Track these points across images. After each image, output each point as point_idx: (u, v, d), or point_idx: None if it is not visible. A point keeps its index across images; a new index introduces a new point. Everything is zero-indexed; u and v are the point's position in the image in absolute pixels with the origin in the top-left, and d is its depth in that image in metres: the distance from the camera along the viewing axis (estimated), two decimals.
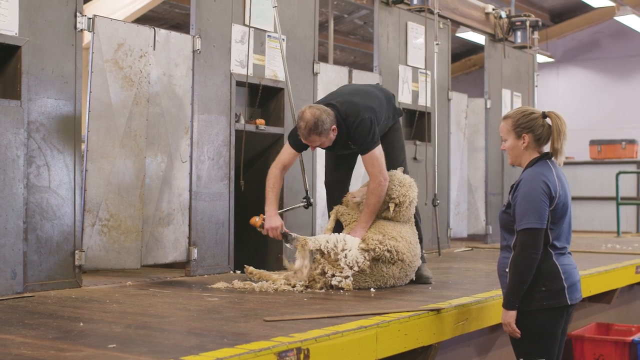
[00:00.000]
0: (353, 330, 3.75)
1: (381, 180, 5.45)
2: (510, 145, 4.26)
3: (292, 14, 7.13)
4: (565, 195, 4.18)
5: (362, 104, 5.54)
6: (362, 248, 5.29)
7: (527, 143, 4.20)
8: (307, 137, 5.42)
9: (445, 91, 9.47)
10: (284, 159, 5.73)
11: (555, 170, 4.18)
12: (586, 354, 6.92)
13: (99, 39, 5.56)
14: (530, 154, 4.23)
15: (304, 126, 5.36)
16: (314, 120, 5.33)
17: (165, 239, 6.02)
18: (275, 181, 5.66)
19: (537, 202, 4.05)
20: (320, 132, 5.36)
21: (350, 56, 17.41)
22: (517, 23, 10.72)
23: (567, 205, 4.20)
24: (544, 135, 4.21)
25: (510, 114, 4.30)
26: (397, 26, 8.62)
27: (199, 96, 6.23)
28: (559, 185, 4.14)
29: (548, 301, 4.09)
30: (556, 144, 4.18)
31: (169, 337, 3.65)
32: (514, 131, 4.23)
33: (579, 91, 18.04)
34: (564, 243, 4.25)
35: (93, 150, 5.53)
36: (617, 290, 7.08)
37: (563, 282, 4.11)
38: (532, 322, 4.11)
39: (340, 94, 5.71)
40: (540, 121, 4.21)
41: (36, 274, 5.11)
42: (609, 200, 14.47)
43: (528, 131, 4.19)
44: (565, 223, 4.23)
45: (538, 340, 4.12)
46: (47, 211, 5.18)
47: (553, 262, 4.13)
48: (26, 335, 3.61)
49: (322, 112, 5.37)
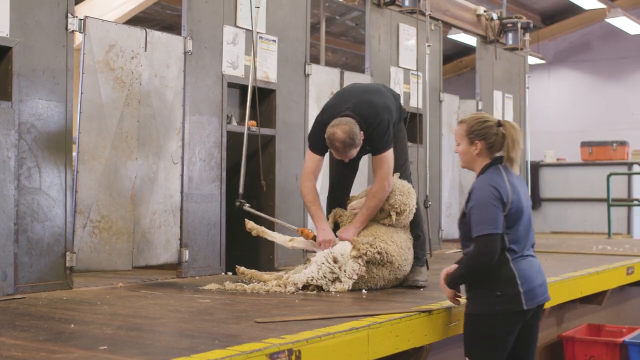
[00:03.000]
0: (344, 332, 3.75)
1: (385, 185, 5.40)
2: (462, 150, 4.32)
3: (284, 15, 7.14)
4: (518, 200, 4.18)
5: (380, 103, 5.46)
6: (354, 256, 5.29)
7: (479, 150, 4.25)
8: (346, 154, 5.34)
9: (437, 93, 9.48)
10: (312, 169, 5.59)
11: (507, 176, 4.20)
12: (577, 355, 6.94)
13: (90, 40, 5.55)
14: (482, 161, 4.28)
15: (342, 146, 5.26)
16: (348, 137, 5.24)
17: (156, 240, 6.01)
18: (313, 194, 5.56)
19: (490, 209, 4.09)
20: (357, 144, 5.30)
21: (342, 57, 17.42)
22: (509, 25, 10.75)
23: (521, 209, 4.18)
24: (496, 143, 4.25)
25: (466, 119, 4.34)
26: (389, 28, 8.63)
27: (191, 97, 6.23)
28: (510, 191, 4.14)
29: (502, 306, 4.10)
30: (512, 153, 4.20)
31: (160, 339, 3.64)
32: (467, 137, 4.28)
33: (570, 93, 18.10)
34: (524, 247, 4.22)
35: (84, 152, 5.52)
36: (608, 292, 7.10)
37: (519, 287, 4.11)
38: (484, 325, 4.14)
39: (351, 95, 5.58)
40: (494, 129, 4.25)
41: (27, 276, 5.09)
42: (600, 202, 14.50)
43: (481, 138, 4.24)
44: (521, 227, 4.20)
45: (486, 344, 4.16)
46: (38, 213, 5.16)
47: (510, 267, 4.13)
48: (17, 337, 3.60)
49: (350, 125, 5.27)
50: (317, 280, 5.25)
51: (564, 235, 14.16)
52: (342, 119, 5.36)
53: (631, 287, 8.10)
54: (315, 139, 5.57)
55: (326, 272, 5.26)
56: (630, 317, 8.45)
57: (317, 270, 5.26)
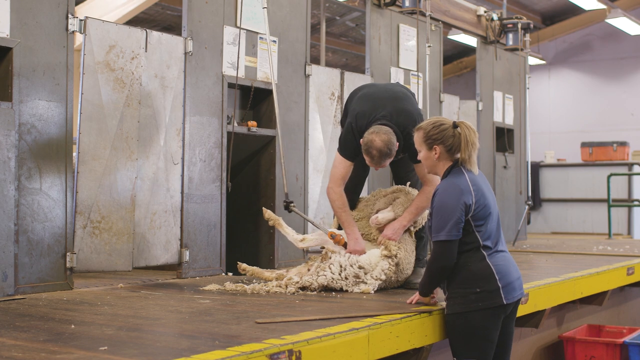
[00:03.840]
0: (345, 332, 3.75)
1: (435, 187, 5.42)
2: (423, 156, 4.41)
3: (284, 16, 7.14)
4: (483, 197, 4.26)
5: (414, 110, 5.47)
6: (385, 255, 5.27)
7: (438, 154, 4.34)
8: (380, 164, 5.33)
9: (437, 93, 9.48)
10: (342, 174, 5.54)
11: (468, 175, 4.27)
12: (577, 356, 6.94)
13: (91, 40, 5.55)
14: (444, 164, 4.37)
15: (378, 155, 5.24)
16: (386, 147, 5.22)
17: (156, 241, 6.01)
18: (343, 200, 5.52)
19: (450, 214, 4.18)
20: (391, 155, 5.29)
21: (342, 58, 17.43)
22: (509, 25, 10.75)
23: (488, 206, 4.27)
24: (455, 145, 4.33)
25: (422, 125, 4.42)
26: (389, 28, 8.63)
27: (191, 98, 6.23)
28: (473, 190, 4.22)
29: (483, 302, 4.17)
30: (463, 154, 4.29)
31: (161, 340, 3.64)
32: (425, 143, 4.37)
33: (571, 93, 18.10)
34: (496, 242, 4.31)
35: (84, 152, 5.52)
36: (609, 292, 7.10)
37: (497, 283, 4.18)
38: (467, 323, 4.20)
39: (384, 101, 5.51)
40: (451, 132, 4.32)
41: (27, 276, 5.10)
42: (600, 202, 14.52)
43: (439, 143, 4.32)
44: (491, 223, 4.29)
45: (472, 341, 4.22)
46: (38, 213, 5.16)
47: (486, 263, 4.21)
48: (17, 338, 3.60)
49: (389, 134, 5.25)
50: (337, 281, 5.25)
51: (564, 235, 14.15)
52: (381, 127, 5.32)
53: (631, 287, 8.10)
54: (347, 144, 5.52)
55: (349, 275, 5.25)
56: (630, 317, 8.45)
57: (339, 272, 5.25)
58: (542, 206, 15.63)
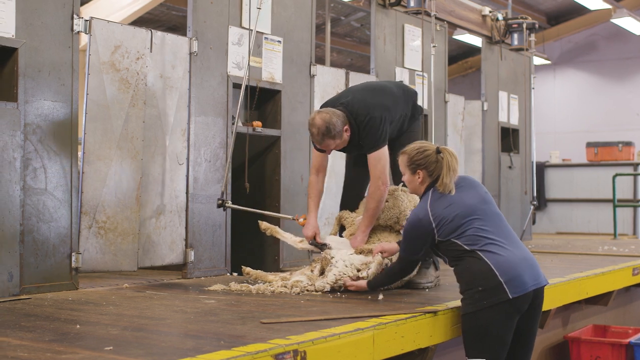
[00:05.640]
0: (350, 333, 3.75)
1: (379, 184, 5.42)
2: (407, 179, 4.60)
3: (289, 16, 7.14)
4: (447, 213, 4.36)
5: (372, 101, 5.49)
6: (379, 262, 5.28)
7: (421, 178, 4.52)
8: (321, 143, 5.41)
9: (442, 93, 9.47)
10: (315, 164, 5.71)
11: (430, 201, 4.42)
12: (583, 356, 6.93)
13: (96, 41, 5.55)
14: (425, 187, 4.55)
15: (317, 132, 5.34)
16: (325, 124, 5.30)
17: (161, 241, 6.02)
18: (312, 188, 5.68)
19: (411, 240, 4.54)
20: (333, 135, 5.34)
21: (347, 58, 17.43)
22: (514, 25, 10.74)
23: (460, 216, 4.35)
24: (436, 170, 4.49)
25: (407, 149, 4.60)
26: (394, 28, 8.63)
27: (196, 98, 6.23)
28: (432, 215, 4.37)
29: (488, 299, 4.19)
30: (445, 179, 4.44)
31: (166, 340, 3.65)
32: (409, 167, 4.55)
33: (576, 93, 18.07)
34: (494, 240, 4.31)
35: (89, 152, 5.53)
36: (614, 293, 7.09)
37: (498, 278, 4.19)
38: (477, 322, 4.24)
39: (352, 92, 5.66)
40: (434, 157, 4.48)
41: (33, 276, 5.10)
42: (605, 203, 14.49)
43: (422, 168, 4.50)
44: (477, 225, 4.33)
45: (483, 341, 4.22)
46: (43, 213, 5.17)
47: (484, 262, 4.25)
48: (22, 338, 3.60)
49: (332, 115, 5.34)
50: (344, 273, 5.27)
51: (569, 236, 14.13)
52: (328, 108, 5.46)
53: (637, 288, 8.09)
54: None
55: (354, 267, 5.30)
56: (636, 318, 8.43)
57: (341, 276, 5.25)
58: (547, 206, 15.61)
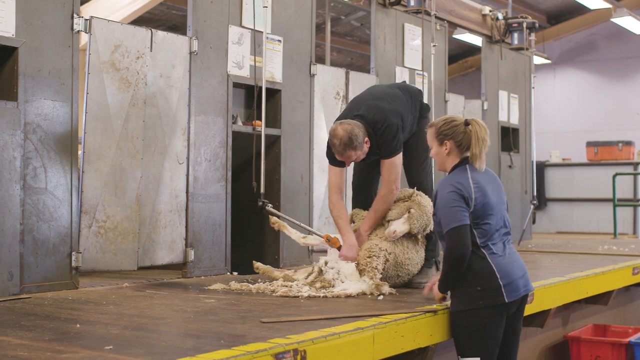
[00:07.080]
0: (350, 332, 3.75)
1: (393, 188, 5.46)
2: (434, 152, 4.53)
3: (289, 15, 7.14)
4: (484, 195, 4.32)
5: (389, 108, 5.49)
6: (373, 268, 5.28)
7: (449, 149, 4.46)
8: (343, 154, 5.38)
9: (442, 93, 9.47)
10: (336, 183, 5.61)
11: (471, 174, 4.37)
12: (583, 356, 6.93)
13: (96, 40, 5.55)
14: (452, 160, 4.47)
15: (339, 143, 5.32)
16: (347, 135, 5.29)
17: (161, 240, 6.02)
18: (338, 208, 5.56)
19: (452, 206, 4.28)
20: (355, 146, 5.33)
21: (347, 58, 17.42)
22: (514, 25, 10.73)
23: (488, 205, 4.33)
24: (464, 141, 4.43)
25: (435, 122, 4.56)
26: (394, 28, 8.63)
27: (196, 97, 6.23)
28: (474, 188, 4.30)
29: (485, 300, 4.23)
30: (474, 149, 4.39)
31: (166, 339, 3.65)
32: (436, 138, 4.49)
33: (576, 93, 18.06)
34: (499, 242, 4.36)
35: (90, 152, 5.53)
36: (614, 292, 7.09)
37: (499, 281, 4.24)
38: (471, 320, 4.26)
39: (364, 100, 5.62)
40: (462, 128, 4.43)
41: (33, 276, 5.10)
42: (605, 202, 14.49)
43: (449, 138, 4.44)
44: (494, 223, 4.34)
45: (476, 339, 4.27)
46: (43, 212, 5.17)
47: (488, 262, 4.27)
48: (22, 337, 3.61)
49: (353, 126, 5.32)
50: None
51: (569, 235, 14.13)
52: (348, 119, 5.43)
53: (637, 287, 8.09)
54: (329, 150, 5.58)
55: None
56: (636, 317, 8.43)
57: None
58: (547, 206, 15.61)
